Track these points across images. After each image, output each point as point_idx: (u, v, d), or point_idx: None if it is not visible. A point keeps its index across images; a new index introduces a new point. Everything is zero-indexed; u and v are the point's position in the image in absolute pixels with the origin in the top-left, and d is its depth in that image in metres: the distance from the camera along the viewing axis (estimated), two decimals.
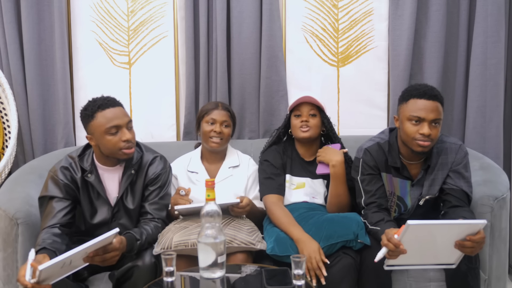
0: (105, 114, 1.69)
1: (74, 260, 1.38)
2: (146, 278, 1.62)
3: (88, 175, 1.76)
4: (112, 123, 1.68)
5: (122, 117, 1.71)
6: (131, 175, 1.79)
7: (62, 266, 1.35)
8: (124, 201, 1.80)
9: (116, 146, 1.69)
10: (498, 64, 2.41)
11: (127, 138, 1.70)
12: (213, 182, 1.46)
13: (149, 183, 1.82)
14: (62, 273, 1.40)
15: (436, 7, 2.43)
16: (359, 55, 2.57)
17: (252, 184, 2.08)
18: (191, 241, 1.72)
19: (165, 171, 1.87)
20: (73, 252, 1.33)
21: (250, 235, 1.79)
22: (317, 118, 2.03)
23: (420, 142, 1.73)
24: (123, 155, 1.72)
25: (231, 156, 2.13)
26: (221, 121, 2.04)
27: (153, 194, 1.82)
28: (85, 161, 1.79)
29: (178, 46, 2.56)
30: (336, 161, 1.94)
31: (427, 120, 1.71)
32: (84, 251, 1.37)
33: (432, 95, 1.72)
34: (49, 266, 1.30)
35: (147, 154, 1.86)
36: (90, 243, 1.37)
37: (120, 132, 1.70)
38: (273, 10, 2.46)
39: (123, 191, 1.78)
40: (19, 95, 2.45)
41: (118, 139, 1.69)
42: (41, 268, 1.28)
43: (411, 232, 1.42)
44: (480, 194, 1.89)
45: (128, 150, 1.71)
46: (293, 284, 1.38)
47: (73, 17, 2.53)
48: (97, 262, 1.45)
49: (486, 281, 1.89)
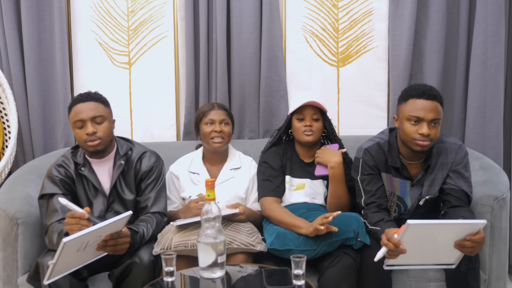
0: (76, 108, 1.80)
1: (90, 243, 1.43)
2: (144, 275, 1.64)
3: (82, 169, 1.85)
4: (77, 118, 1.79)
5: (87, 112, 1.79)
6: (121, 165, 1.87)
7: (78, 249, 1.39)
8: (119, 190, 1.87)
9: (81, 139, 1.80)
10: (498, 64, 2.41)
11: (88, 131, 1.77)
12: (213, 182, 1.46)
13: (143, 176, 1.89)
14: (71, 264, 1.44)
15: (436, 7, 2.43)
16: (359, 55, 2.57)
17: (253, 186, 2.07)
18: (191, 242, 1.72)
19: (158, 163, 1.94)
20: (95, 227, 1.39)
21: (250, 237, 1.79)
22: (320, 121, 2.02)
23: (419, 142, 1.73)
24: (88, 147, 1.80)
25: (233, 158, 2.12)
26: (220, 120, 2.04)
27: (149, 187, 1.88)
28: (78, 156, 1.88)
29: (178, 46, 2.56)
30: (335, 163, 1.94)
31: (426, 120, 1.71)
32: (103, 229, 1.42)
33: (431, 95, 1.72)
34: (74, 239, 1.32)
35: (138, 148, 1.95)
36: (108, 222, 1.43)
37: (85, 126, 1.78)
38: (273, 10, 2.46)
39: (115, 180, 1.86)
40: (19, 95, 2.45)
41: (83, 133, 1.78)
42: (65, 240, 1.30)
43: (411, 232, 1.42)
44: (480, 194, 1.89)
45: (92, 142, 1.78)
46: (293, 284, 1.38)
47: (73, 17, 2.53)
48: (109, 249, 1.51)
49: (486, 281, 1.89)
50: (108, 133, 1.82)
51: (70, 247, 1.34)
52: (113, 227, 1.48)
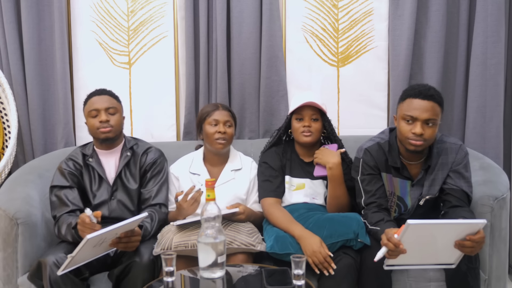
0: (92, 100, 1.97)
1: (107, 239, 1.56)
2: (144, 274, 1.64)
3: (89, 159, 1.99)
4: (92, 107, 1.95)
5: (102, 103, 1.95)
6: (127, 156, 2.00)
7: (94, 245, 1.50)
8: (123, 179, 1.98)
9: (94, 127, 1.94)
10: (498, 64, 2.41)
11: (102, 119, 1.93)
12: (213, 182, 1.46)
13: (147, 168, 2.00)
14: (83, 258, 1.54)
15: (436, 7, 2.43)
16: (359, 55, 2.57)
17: (253, 188, 2.07)
18: (191, 242, 1.72)
19: (163, 159, 2.07)
20: (115, 226, 1.50)
21: (250, 237, 1.79)
22: (319, 122, 2.01)
23: (412, 141, 1.73)
24: (100, 134, 1.94)
25: (234, 159, 2.11)
26: (224, 121, 2.03)
27: (152, 179, 2.00)
28: (87, 148, 2.03)
29: (178, 46, 2.56)
30: (333, 163, 1.94)
31: (420, 119, 1.71)
32: (121, 227, 1.54)
33: (427, 95, 1.72)
34: (97, 236, 1.44)
35: (143, 143, 2.09)
36: (127, 222, 1.55)
37: (99, 115, 1.94)
38: (273, 10, 2.46)
39: (121, 170, 1.98)
40: (19, 95, 2.45)
41: (96, 121, 1.94)
42: (89, 237, 1.41)
43: (411, 231, 1.42)
44: (480, 194, 1.89)
45: (104, 129, 1.93)
46: (293, 284, 1.38)
47: (73, 17, 2.53)
48: (122, 246, 1.62)
49: (486, 281, 1.89)
50: (119, 124, 1.98)
51: (91, 242, 1.45)
52: (129, 226, 1.59)
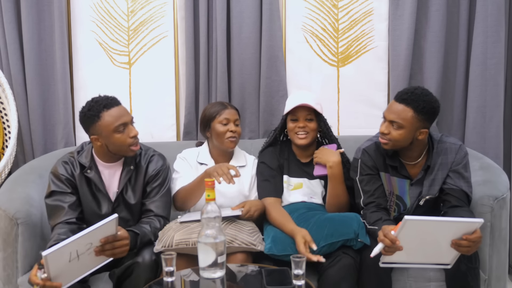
0: (112, 113, 1.74)
1: (81, 251, 1.37)
2: (146, 275, 1.63)
3: (88, 171, 1.80)
4: (120, 121, 1.74)
5: (127, 115, 1.78)
6: (130, 170, 1.84)
7: (70, 260, 1.34)
8: (125, 195, 1.84)
9: (125, 143, 1.76)
10: (498, 64, 2.41)
11: (135, 134, 1.77)
12: (213, 182, 1.46)
13: (149, 180, 1.86)
14: (74, 273, 1.40)
15: (436, 7, 2.43)
16: (359, 55, 2.57)
17: (255, 183, 2.08)
18: (192, 240, 1.72)
19: (165, 167, 1.91)
20: (75, 237, 1.32)
21: (251, 236, 1.79)
22: (314, 122, 2.02)
23: (380, 139, 1.82)
24: (130, 151, 1.78)
25: (239, 156, 2.12)
26: (234, 120, 2.03)
27: (154, 191, 1.86)
28: (83, 157, 1.83)
29: (178, 46, 2.56)
30: (333, 162, 1.94)
31: (386, 119, 1.80)
32: (86, 236, 1.36)
33: (401, 98, 1.76)
34: (54, 251, 1.27)
35: (146, 151, 1.92)
36: (91, 228, 1.37)
37: (127, 129, 1.76)
38: (273, 10, 2.46)
39: (123, 186, 1.82)
40: (19, 95, 2.45)
41: (126, 136, 1.75)
42: (44, 254, 1.25)
43: (408, 228, 1.42)
44: (480, 194, 1.89)
45: (135, 147, 1.79)
46: (293, 284, 1.38)
47: (73, 17, 2.53)
48: (108, 253, 1.47)
49: (486, 281, 1.89)
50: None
51: (56, 258, 1.30)
52: (100, 232, 1.43)
